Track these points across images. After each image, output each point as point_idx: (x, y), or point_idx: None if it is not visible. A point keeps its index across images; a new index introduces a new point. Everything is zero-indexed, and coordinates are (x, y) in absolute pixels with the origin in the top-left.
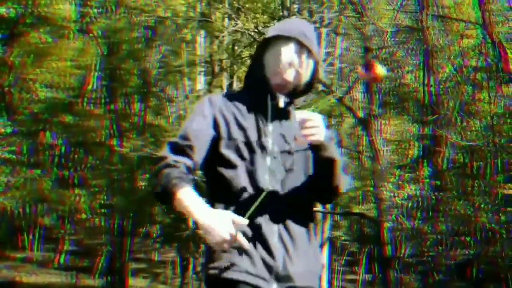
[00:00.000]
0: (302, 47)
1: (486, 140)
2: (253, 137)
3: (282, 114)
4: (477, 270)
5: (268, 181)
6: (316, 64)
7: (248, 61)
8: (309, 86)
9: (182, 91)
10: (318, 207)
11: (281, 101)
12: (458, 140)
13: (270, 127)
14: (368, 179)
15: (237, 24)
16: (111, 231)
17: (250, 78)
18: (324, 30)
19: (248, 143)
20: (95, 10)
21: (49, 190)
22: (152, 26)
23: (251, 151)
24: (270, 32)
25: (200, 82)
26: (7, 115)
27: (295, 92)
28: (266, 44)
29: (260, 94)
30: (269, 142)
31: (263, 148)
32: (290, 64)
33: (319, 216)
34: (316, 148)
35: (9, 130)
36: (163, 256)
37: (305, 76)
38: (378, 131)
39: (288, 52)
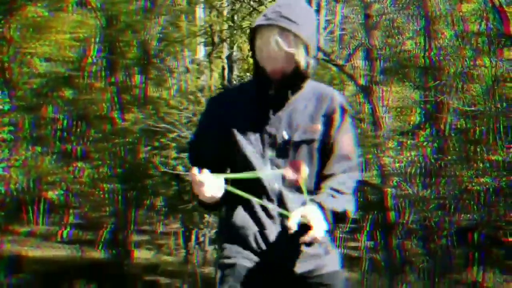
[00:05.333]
0: (286, 30)
1: (487, 105)
2: (253, 132)
3: (283, 103)
4: (479, 235)
5: (271, 175)
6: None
7: (248, 31)
8: (306, 68)
9: (183, 62)
10: None
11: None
12: (459, 106)
13: (271, 119)
14: (369, 147)
15: None
16: (115, 204)
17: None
18: None
19: (248, 139)
20: None
21: (51, 166)
22: None
23: (252, 147)
24: (258, 19)
25: (200, 53)
26: (7, 90)
27: (295, 75)
28: (255, 33)
29: (258, 85)
30: (268, 134)
31: (263, 141)
32: (276, 51)
33: None
34: None
35: (7, 107)
36: (168, 227)
37: (300, 56)
38: (379, 98)
39: (271, 40)
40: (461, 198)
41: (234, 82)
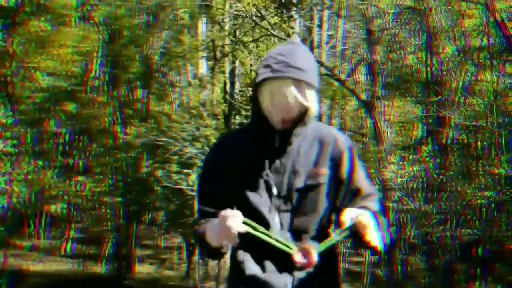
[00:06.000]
0: (299, 81)
1: (489, 119)
2: (258, 179)
3: (286, 150)
4: (483, 250)
5: (277, 223)
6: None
7: (250, 46)
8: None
9: (185, 77)
10: None
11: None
12: (461, 121)
13: (275, 166)
14: (371, 162)
15: (237, 7)
16: (117, 218)
17: (252, 114)
18: (326, 13)
19: (253, 187)
20: None
21: (53, 180)
22: (153, 12)
23: (258, 195)
24: (261, 70)
25: (203, 68)
26: (10, 105)
27: (300, 121)
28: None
29: (261, 134)
30: (271, 182)
31: (269, 189)
32: (293, 103)
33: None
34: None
35: (10, 121)
36: (169, 242)
37: (314, 106)
38: (381, 113)
39: (285, 92)
40: (463, 213)
41: (236, 96)
